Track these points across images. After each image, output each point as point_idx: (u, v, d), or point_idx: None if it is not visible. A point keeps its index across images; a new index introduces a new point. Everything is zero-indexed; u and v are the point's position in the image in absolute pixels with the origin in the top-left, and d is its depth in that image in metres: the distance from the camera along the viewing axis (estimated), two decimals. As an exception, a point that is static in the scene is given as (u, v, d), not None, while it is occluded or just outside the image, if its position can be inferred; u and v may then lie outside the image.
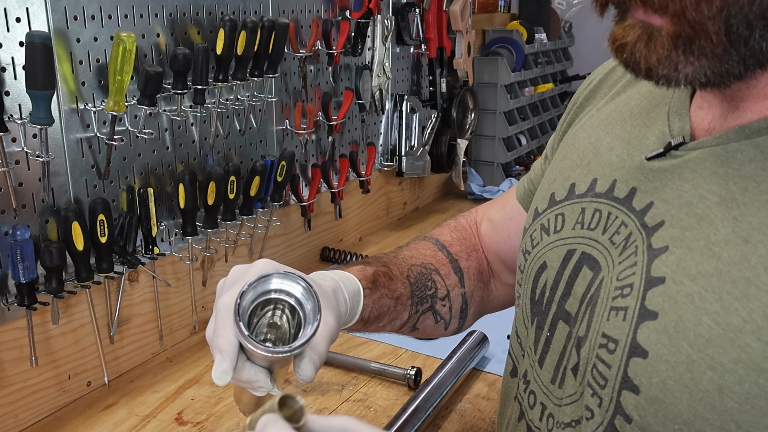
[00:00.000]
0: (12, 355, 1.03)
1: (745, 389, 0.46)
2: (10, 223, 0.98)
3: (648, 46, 0.50)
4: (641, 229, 0.56)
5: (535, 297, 0.67)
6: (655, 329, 0.51)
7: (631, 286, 0.54)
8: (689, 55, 0.48)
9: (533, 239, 0.69)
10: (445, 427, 1.07)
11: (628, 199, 0.59)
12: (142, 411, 1.11)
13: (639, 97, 0.67)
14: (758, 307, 0.47)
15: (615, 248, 0.58)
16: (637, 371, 0.52)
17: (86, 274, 1.07)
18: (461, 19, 2.01)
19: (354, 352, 1.27)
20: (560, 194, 0.68)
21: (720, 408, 0.47)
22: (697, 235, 0.52)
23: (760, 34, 0.47)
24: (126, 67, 1.04)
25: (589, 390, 0.56)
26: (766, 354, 0.46)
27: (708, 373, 0.48)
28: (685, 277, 0.51)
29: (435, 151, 2.03)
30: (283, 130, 1.49)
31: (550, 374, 0.64)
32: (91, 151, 1.09)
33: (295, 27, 1.45)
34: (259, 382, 0.57)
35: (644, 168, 0.59)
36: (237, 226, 1.38)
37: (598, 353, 0.55)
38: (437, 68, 1.99)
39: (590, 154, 0.67)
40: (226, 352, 0.55)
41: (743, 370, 0.46)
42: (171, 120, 1.22)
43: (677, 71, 0.49)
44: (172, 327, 1.31)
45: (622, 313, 0.54)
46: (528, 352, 0.68)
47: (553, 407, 0.63)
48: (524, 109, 2.45)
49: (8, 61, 0.96)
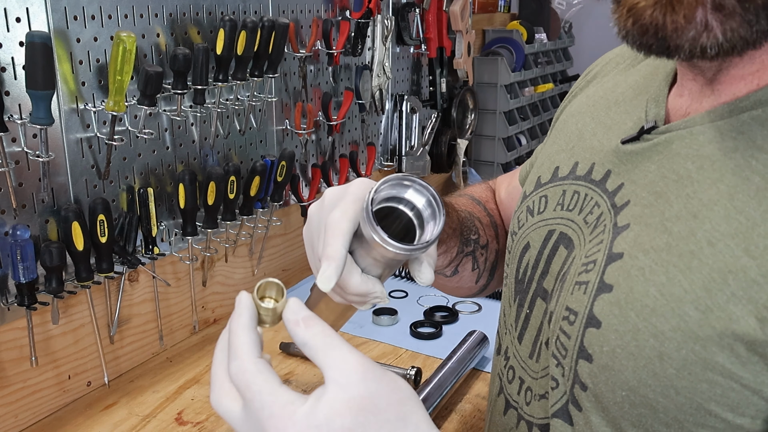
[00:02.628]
0: (12, 355, 1.03)
1: (683, 356, 0.49)
2: (10, 223, 0.98)
3: (672, 4, 0.46)
4: (611, 209, 0.59)
5: (518, 276, 0.69)
6: (609, 301, 0.54)
7: (594, 261, 0.57)
8: (719, 12, 0.45)
9: (519, 221, 0.71)
10: (445, 427, 1.07)
11: (603, 180, 0.61)
12: (142, 411, 1.11)
13: (626, 85, 0.68)
14: (699, 279, 0.49)
15: (587, 227, 0.61)
16: (591, 341, 0.54)
17: (86, 274, 1.07)
18: (461, 19, 2.01)
19: (354, 352, 1.26)
20: (545, 177, 0.70)
21: (661, 374, 0.50)
22: (654, 212, 0.54)
23: None
24: (126, 67, 1.04)
25: (554, 360, 0.59)
26: (702, 323, 0.48)
27: (650, 340, 0.50)
28: (639, 252, 0.53)
29: (435, 151, 2.03)
30: (283, 130, 1.49)
31: (528, 349, 0.66)
32: (91, 151, 1.09)
33: (295, 27, 1.45)
34: (376, 292, 0.58)
35: (619, 151, 0.60)
36: (237, 226, 1.38)
37: (561, 325, 0.58)
38: (437, 68, 1.99)
39: (575, 139, 0.69)
40: (334, 259, 0.55)
41: (681, 337, 0.49)
42: (171, 120, 1.22)
43: (708, 32, 0.46)
44: (172, 327, 1.31)
45: (584, 287, 0.57)
46: (509, 330, 0.70)
47: (530, 381, 0.65)
48: (524, 109, 2.45)
49: (8, 61, 0.96)
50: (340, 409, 0.45)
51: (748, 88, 0.52)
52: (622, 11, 0.49)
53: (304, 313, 0.48)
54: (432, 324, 1.36)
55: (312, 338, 0.47)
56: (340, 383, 0.45)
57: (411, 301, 1.48)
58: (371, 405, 0.45)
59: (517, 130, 2.38)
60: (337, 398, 0.45)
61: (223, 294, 1.42)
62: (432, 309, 1.41)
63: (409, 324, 1.35)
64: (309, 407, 0.45)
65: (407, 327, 1.35)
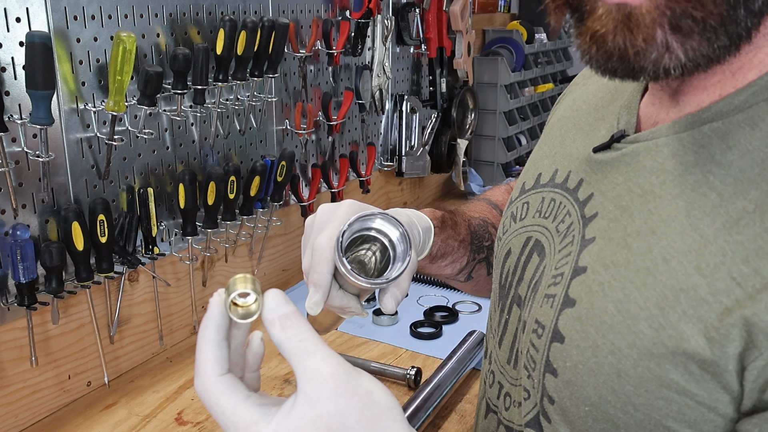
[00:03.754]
0: (12, 355, 1.03)
1: (639, 373, 0.49)
2: (10, 223, 0.98)
3: (630, 28, 0.46)
4: (580, 219, 0.59)
5: (501, 282, 0.70)
6: (572, 316, 0.54)
7: (562, 275, 0.57)
8: (677, 33, 0.45)
9: (504, 226, 0.72)
10: (445, 427, 1.07)
11: (576, 189, 0.61)
12: (142, 411, 1.11)
13: (606, 89, 0.68)
14: (653, 296, 0.49)
15: (558, 236, 0.61)
16: (556, 355, 0.55)
17: (86, 274, 1.07)
18: (461, 19, 2.01)
19: (354, 352, 1.27)
20: (529, 183, 0.71)
21: (619, 391, 0.50)
22: (617, 226, 0.54)
23: None
24: (126, 67, 1.04)
25: (525, 372, 0.60)
26: (656, 340, 0.48)
27: (609, 357, 0.50)
28: (601, 267, 0.53)
29: (435, 151, 2.03)
30: (283, 130, 1.49)
31: (506, 354, 0.67)
32: (91, 151, 1.09)
33: (295, 27, 1.45)
34: (351, 307, 0.64)
35: (590, 160, 0.60)
36: (237, 226, 1.38)
37: (531, 338, 0.59)
38: (437, 68, 1.99)
39: (557, 145, 0.69)
40: (320, 286, 0.61)
41: (637, 354, 0.49)
42: (171, 120, 1.22)
43: (670, 53, 0.46)
44: (172, 327, 1.31)
45: (551, 300, 0.57)
46: (494, 334, 0.71)
47: (509, 386, 0.65)
48: (524, 109, 2.45)
49: (8, 61, 0.96)
50: (306, 430, 0.43)
51: (710, 99, 0.52)
52: (584, 38, 0.49)
53: (282, 311, 0.45)
54: (432, 324, 1.36)
55: (287, 341, 0.45)
56: (309, 398, 0.44)
57: (411, 301, 1.48)
58: (339, 425, 0.43)
59: (517, 130, 2.38)
60: (305, 417, 0.43)
61: (223, 294, 1.41)
62: (432, 309, 1.41)
63: (409, 324, 1.35)
64: (273, 428, 0.44)
65: (407, 327, 1.35)
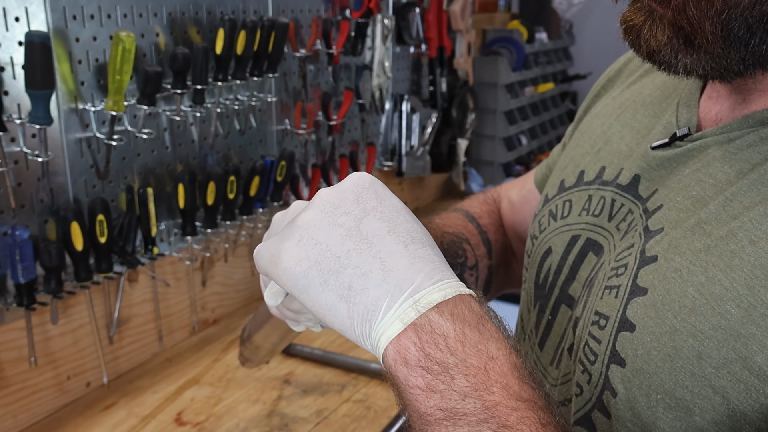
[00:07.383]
0: (11, 356, 1.02)
1: (723, 354, 0.48)
2: (9, 223, 0.98)
3: (651, 31, 0.52)
4: (643, 214, 0.58)
5: (539, 281, 0.69)
6: (643, 304, 0.53)
7: (626, 266, 0.56)
8: (689, 47, 0.50)
9: (541, 224, 0.71)
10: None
11: (633, 186, 0.61)
12: (141, 411, 1.11)
13: (653, 87, 0.68)
14: (740, 277, 0.48)
15: (619, 233, 0.60)
16: (624, 344, 0.54)
17: (85, 274, 1.06)
18: (461, 18, 2.01)
19: (354, 352, 1.26)
20: (569, 181, 0.70)
21: (699, 374, 0.49)
22: (690, 215, 0.54)
23: (760, 37, 0.48)
24: (125, 66, 1.04)
25: (579, 367, 0.58)
26: (744, 320, 0.47)
27: (689, 340, 0.50)
28: (675, 255, 0.53)
29: (435, 150, 2.03)
30: (283, 130, 1.49)
31: (549, 356, 0.66)
32: (91, 151, 1.09)
33: (295, 27, 1.45)
34: (307, 314, 0.63)
35: (648, 157, 0.60)
36: (237, 226, 1.37)
37: (590, 330, 0.57)
38: (437, 68, 1.99)
39: (601, 142, 0.69)
40: None
41: (722, 335, 0.48)
42: (170, 120, 1.21)
43: (677, 59, 0.51)
44: (172, 327, 1.30)
45: (615, 290, 0.56)
46: (529, 335, 0.70)
47: (549, 388, 0.65)
48: (524, 109, 2.45)
49: (7, 61, 0.95)
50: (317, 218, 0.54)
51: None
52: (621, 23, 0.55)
53: None
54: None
55: None
56: None
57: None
58: (337, 202, 0.55)
59: (517, 130, 2.37)
60: None
61: (223, 294, 1.41)
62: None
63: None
64: None
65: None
